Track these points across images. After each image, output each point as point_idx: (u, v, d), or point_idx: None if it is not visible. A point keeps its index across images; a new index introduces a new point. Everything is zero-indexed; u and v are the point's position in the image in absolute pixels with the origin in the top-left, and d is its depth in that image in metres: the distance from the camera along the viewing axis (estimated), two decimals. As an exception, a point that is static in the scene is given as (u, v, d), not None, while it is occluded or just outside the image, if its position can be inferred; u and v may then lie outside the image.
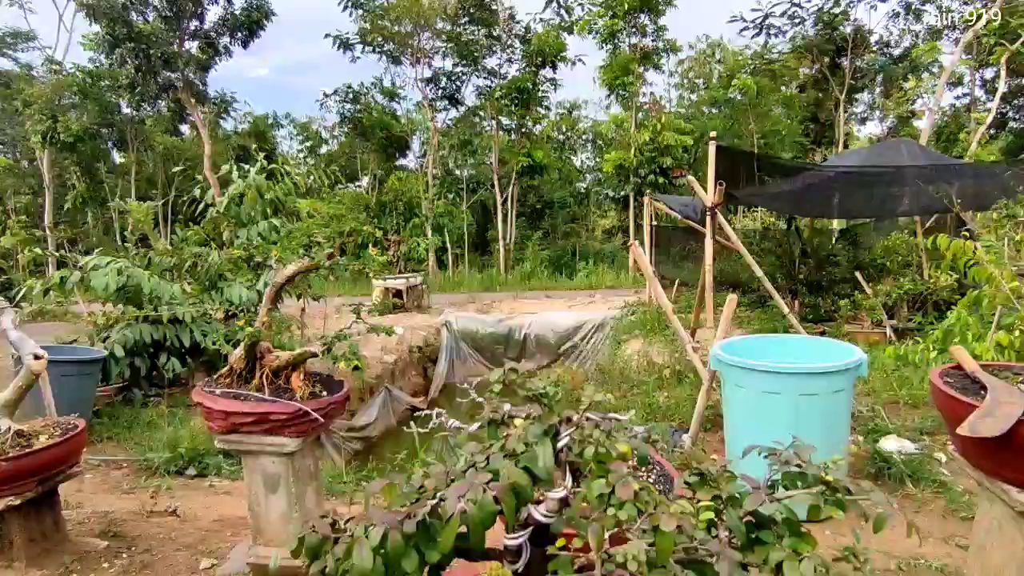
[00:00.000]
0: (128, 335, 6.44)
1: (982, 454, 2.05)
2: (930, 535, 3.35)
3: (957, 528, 3.41)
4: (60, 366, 5.66)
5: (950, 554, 3.15)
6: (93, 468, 5.31)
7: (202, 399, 2.37)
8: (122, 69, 16.82)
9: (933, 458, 4.28)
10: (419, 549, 0.74)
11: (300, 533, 0.85)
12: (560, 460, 0.80)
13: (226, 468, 5.32)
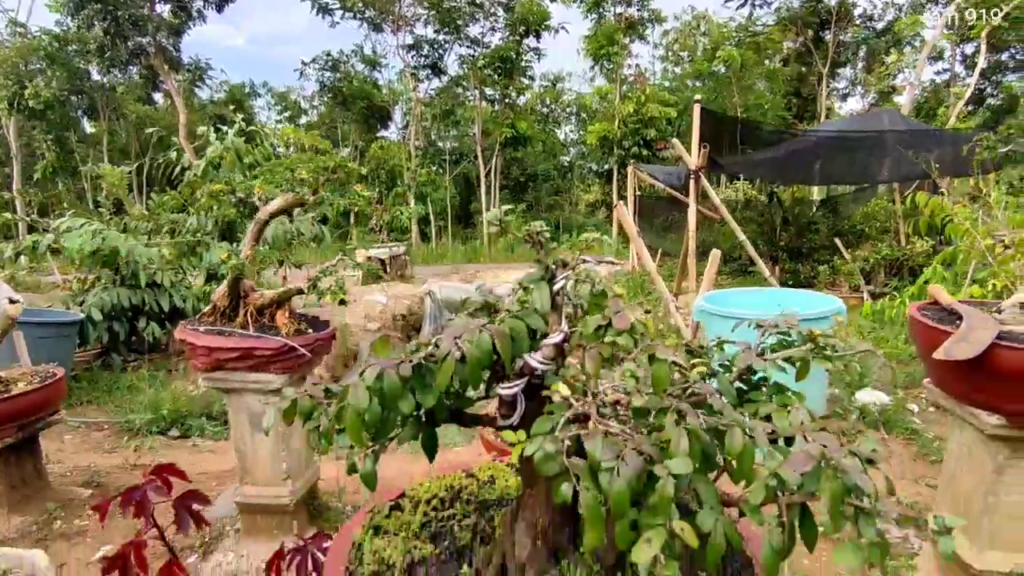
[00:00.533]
0: (105, 298, 6.32)
1: (956, 379, 2.12)
2: (902, 477, 3.47)
3: (927, 470, 3.54)
4: (36, 327, 5.55)
5: (920, 492, 3.27)
6: (73, 429, 5.26)
7: (185, 335, 2.35)
8: (90, 32, 16.22)
9: (906, 408, 4.41)
10: (414, 393, 0.74)
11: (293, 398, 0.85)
12: (556, 304, 0.81)
13: (209, 429, 5.31)
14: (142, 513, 0.90)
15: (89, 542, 2.85)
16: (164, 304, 6.66)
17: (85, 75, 19.09)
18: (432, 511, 1.07)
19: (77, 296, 6.47)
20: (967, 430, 2.26)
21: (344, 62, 18.55)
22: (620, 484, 0.61)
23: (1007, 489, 2.16)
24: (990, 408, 2.07)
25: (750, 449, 0.65)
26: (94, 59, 17.59)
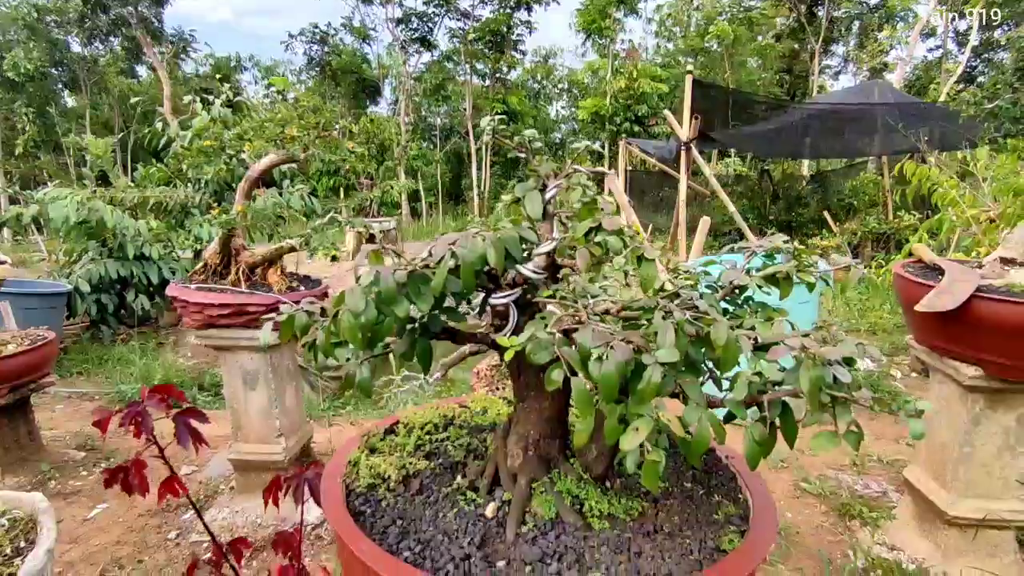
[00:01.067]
0: (93, 270, 6.27)
1: (936, 332, 2.17)
2: (882, 436, 3.56)
3: (907, 430, 3.62)
4: (23, 298, 5.51)
5: (900, 451, 3.36)
6: (64, 400, 5.25)
7: (177, 292, 2.35)
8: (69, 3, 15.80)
9: (889, 374, 4.51)
10: (410, 300, 0.76)
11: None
12: (547, 212, 0.83)
13: (201, 399, 5.32)
14: (141, 429, 0.91)
15: (84, 501, 2.88)
16: (153, 277, 6.62)
17: (65, 47, 18.63)
18: (426, 435, 1.10)
19: (64, 268, 6.41)
20: (946, 384, 2.33)
21: (332, 35, 18.22)
22: (609, 368, 0.63)
23: (982, 439, 2.23)
24: (969, 359, 2.12)
25: (734, 341, 0.68)
26: (74, 29, 17.14)
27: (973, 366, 2.12)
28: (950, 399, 2.31)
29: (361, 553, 0.75)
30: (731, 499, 0.92)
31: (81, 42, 17.89)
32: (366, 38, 18.77)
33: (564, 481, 0.91)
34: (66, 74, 19.32)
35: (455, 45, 18.41)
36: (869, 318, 5.83)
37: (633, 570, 0.75)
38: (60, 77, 19.57)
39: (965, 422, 2.24)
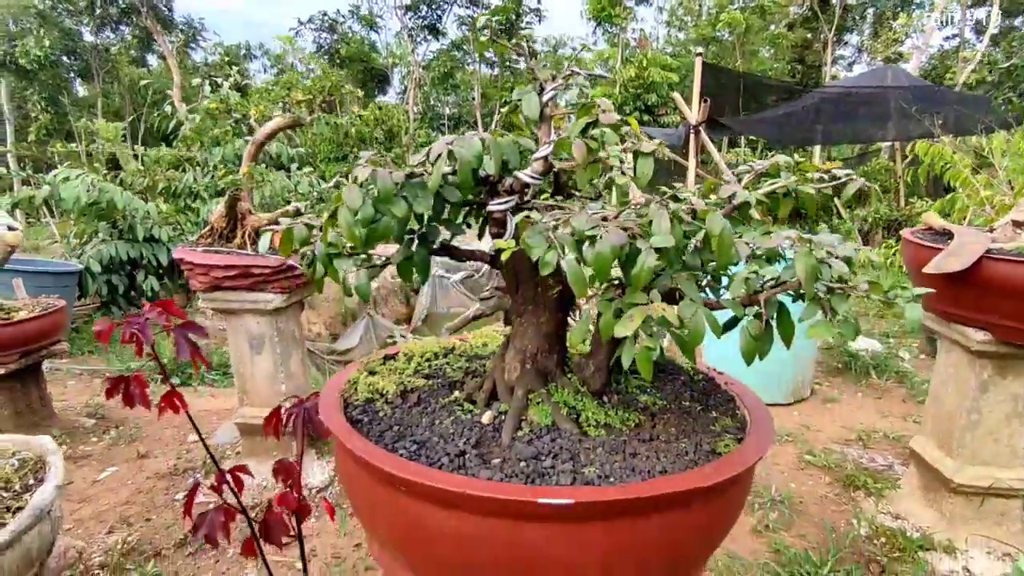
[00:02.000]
0: (104, 251, 6.33)
1: (945, 296, 2.15)
2: (890, 414, 3.54)
3: (915, 409, 3.60)
4: (35, 277, 5.57)
5: (907, 428, 3.33)
6: (75, 376, 5.32)
7: (183, 255, 2.37)
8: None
9: (897, 356, 4.47)
10: (408, 202, 0.76)
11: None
12: (544, 115, 0.83)
13: (209, 377, 5.37)
14: (140, 345, 0.92)
15: (94, 464, 2.92)
16: (163, 258, 6.67)
17: (77, 35, 18.73)
18: (426, 361, 1.11)
19: (75, 249, 6.47)
20: (954, 351, 2.31)
21: (341, 23, 18.21)
22: (603, 247, 0.63)
23: (989, 406, 2.21)
24: (977, 324, 2.10)
25: (728, 231, 0.67)
26: (86, 17, 17.23)
27: (981, 331, 2.10)
28: (958, 366, 2.28)
29: (356, 449, 0.76)
30: (729, 415, 0.92)
31: (92, 31, 17.99)
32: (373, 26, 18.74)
33: (561, 393, 0.91)
34: (78, 63, 19.45)
35: (464, 34, 18.36)
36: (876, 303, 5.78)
37: (628, 468, 0.75)
38: (72, 66, 19.69)
39: (973, 389, 2.22)
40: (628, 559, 0.68)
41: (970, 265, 1.95)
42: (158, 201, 6.95)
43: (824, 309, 0.69)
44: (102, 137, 8.01)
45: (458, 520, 0.68)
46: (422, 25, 17.93)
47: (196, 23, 19.47)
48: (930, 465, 2.36)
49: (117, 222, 6.40)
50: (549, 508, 0.65)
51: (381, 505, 0.76)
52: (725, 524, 0.79)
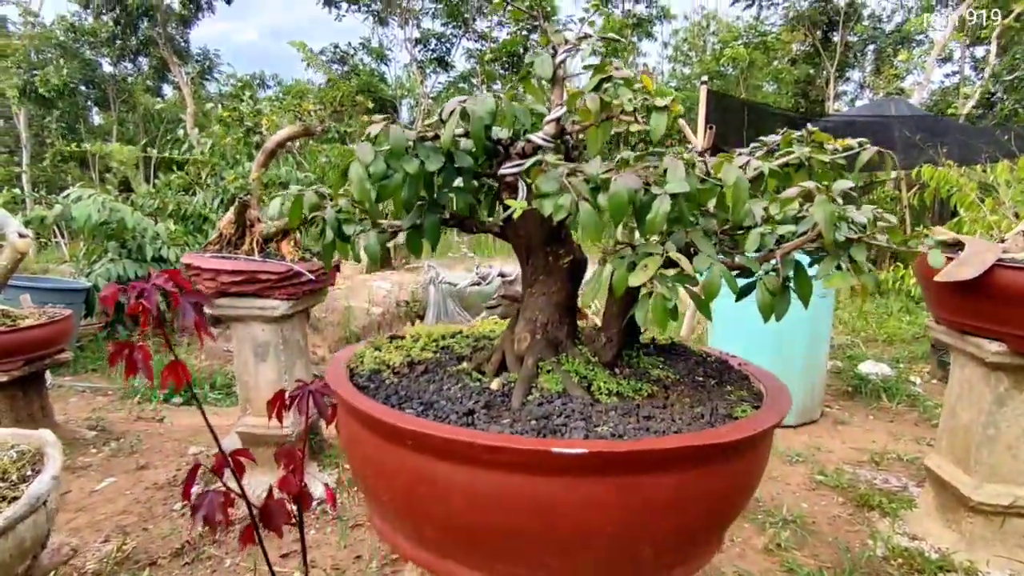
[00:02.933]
0: (111, 269, 6.37)
1: (957, 306, 2.12)
2: (903, 437, 3.46)
3: (927, 432, 3.53)
4: (43, 294, 5.60)
5: (921, 450, 3.26)
6: (78, 393, 5.31)
7: (190, 260, 2.37)
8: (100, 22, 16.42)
9: (908, 380, 4.40)
10: (420, 160, 0.76)
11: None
12: (557, 77, 0.83)
13: (212, 397, 5.35)
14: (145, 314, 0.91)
15: (93, 475, 2.88)
16: (170, 278, 6.69)
17: (96, 65, 19.23)
18: (432, 342, 1.09)
19: (84, 268, 6.52)
20: (968, 365, 2.27)
21: (351, 55, 18.66)
22: (619, 188, 0.62)
23: (1007, 421, 2.16)
24: (992, 334, 2.07)
25: (743, 181, 0.66)
26: (105, 48, 17.74)
27: (996, 342, 2.07)
28: (972, 379, 2.24)
29: (361, 406, 0.74)
30: (744, 389, 0.90)
31: (111, 61, 18.48)
32: (383, 58, 19.18)
33: (572, 363, 0.89)
34: (95, 92, 19.91)
35: (472, 65, 18.75)
36: (887, 327, 5.73)
37: (642, 428, 0.73)
38: (90, 95, 20.17)
39: (989, 403, 2.17)
40: (642, 521, 0.66)
41: (982, 273, 1.94)
42: (168, 222, 7.03)
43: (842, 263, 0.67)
44: (115, 159, 8.15)
45: (466, 475, 0.66)
46: (431, 58, 18.35)
47: (212, 55, 19.98)
48: (947, 483, 2.29)
49: (126, 242, 6.46)
50: (563, 459, 0.62)
51: (385, 465, 0.73)
52: (743, 491, 0.76)
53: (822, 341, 3.64)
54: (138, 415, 4.02)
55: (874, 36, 19.12)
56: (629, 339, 0.95)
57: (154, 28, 17.17)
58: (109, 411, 4.56)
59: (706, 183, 0.68)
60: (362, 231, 0.84)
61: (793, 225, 0.70)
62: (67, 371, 5.68)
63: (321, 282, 2.51)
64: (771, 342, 3.35)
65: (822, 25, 19.32)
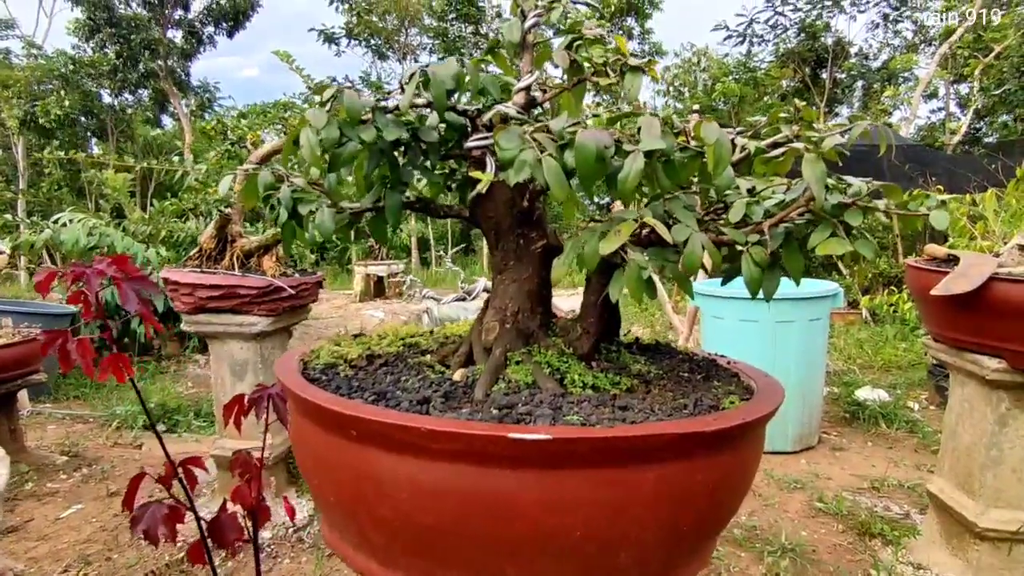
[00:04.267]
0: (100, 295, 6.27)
1: (954, 322, 2.06)
2: (902, 463, 3.36)
3: (928, 459, 3.43)
4: (27, 318, 5.50)
5: (922, 477, 3.15)
6: (57, 420, 5.16)
7: (169, 274, 2.30)
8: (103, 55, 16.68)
9: (906, 406, 4.32)
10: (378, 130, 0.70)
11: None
12: (526, 43, 0.77)
13: (196, 424, 5.21)
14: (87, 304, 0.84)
15: (59, 502, 2.75)
16: (159, 305, 6.61)
17: (97, 97, 19.44)
18: (399, 340, 1.01)
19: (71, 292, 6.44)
20: (968, 384, 2.20)
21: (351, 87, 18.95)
22: (586, 141, 0.56)
23: (1011, 442, 2.08)
24: (990, 350, 2.00)
25: (725, 138, 0.60)
26: (106, 81, 17.98)
27: (995, 358, 2.00)
28: (973, 399, 2.17)
29: (305, 395, 0.66)
30: (733, 384, 0.82)
31: (112, 93, 18.68)
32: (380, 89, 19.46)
33: (544, 355, 0.82)
34: (94, 122, 20.07)
35: (468, 99, 18.99)
36: (882, 354, 5.66)
37: (617, 420, 0.65)
38: (89, 125, 20.33)
39: (991, 423, 2.09)
40: (618, 523, 0.58)
41: (979, 287, 1.88)
42: (159, 248, 6.98)
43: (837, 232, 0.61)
44: (108, 187, 8.14)
45: (412, 468, 0.58)
46: (428, 91, 18.60)
47: (212, 87, 20.22)
48: (951, 508, 2.20)
49: (115, 266, 6.38)
50: (522, 447, 0.55)
51: (329, 461, 0.66)
52: (734, 490, 0.68)
53: (818, 366, 3.57)
54: (116, 442, 3.89)
55: (862, 73, 19.57)
56: (608, 334, 0.88)
57: (155, 61, 17.43)
58: (86, 438, 4.41)
59: (686, 151, 0.63)
60: (316, 209, 0.78)
61: (781, 197, 0.65)
62: (48, 398, 5.54)
63: (302, 298, 2.44)
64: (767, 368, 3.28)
65: (811, 62, 19.78)
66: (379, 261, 12.79)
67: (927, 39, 19.18)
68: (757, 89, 21.15)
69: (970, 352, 2.08)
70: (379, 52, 17.88)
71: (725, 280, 0.72)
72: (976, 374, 2.09)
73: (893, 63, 18.36)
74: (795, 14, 18.56)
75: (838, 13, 18.51)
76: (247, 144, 2.22)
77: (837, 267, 8.07)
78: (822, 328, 3.52)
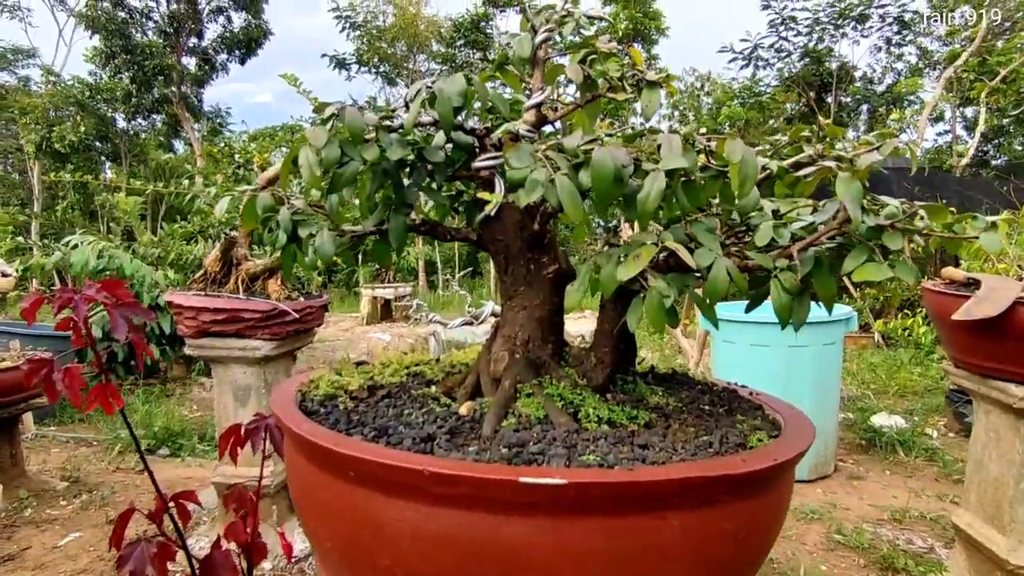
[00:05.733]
0: (106, 316, 6.29)
1: (976, 348, 2.00)
2: (924, 493, 3.25)
3: (951, 489, 3.31)
4: (32, 340, 5.50)
5: (944, 508, 3.05)
6: (61, 444, 5.14)
7: (172, 297, 2.28)
8: (117, 81, 17.05)
9: (924, 433, 4.20)
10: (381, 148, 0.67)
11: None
12: (537, 58, 0.74)
13: (200, 448, 5.16)
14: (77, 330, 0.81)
15: (57, 529, 2.69)
16: (166, 327, 6.61)
17: (111, 122, 19.80)
18: (404, 368, 0.97)
19: (79, 314, 6.45)
20: (993, 412, 2.12)
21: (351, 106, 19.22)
22: (603, 159, 0.52)
23: (1041, 474, 2.00)
24: (1018, 378, 1.93)
25: (751, 156, 0.57)
26: (120, 106, 18.33)
27: (1023, 386, 1.93)
28: (999, 428, 2.09)
29: (301, 431, 0.62)
30: (758, 418, 0.77)
31: (125, 118, 19.03)
32: (389, 116, 19.69)
33: (556, 387, 0.77)
34: (108, 147, 20.41)
35: (476, 124, 19.17)
36: (897, 379, 5.55)
37: (637, 459, 0.60)
38: (103, 150, 20.68)
39: (1020, 453, 2.01)
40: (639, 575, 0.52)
41: (1004, 311, 1.82)
42: (167, 271, 7.01)
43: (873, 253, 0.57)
44: (120, 210, 8.22)
45: (416, 514, 0.53)
46: (436, 116, 18.81)
47: (223, 112, 20.54)
48: (979, 543, 2.10)
49: (123, 289, 6.41)
50: (535, 492, 0.50)
51: (326, 503, 0.61)
52: (763, 536, 0.62)
53: (832, 392, 3.48)
54: (118, 466, 3.84)
55: (867, 96, 19.67)
56: (623, 364, 0.83)
57: (169, 87, 17.77)
58: (89, 462, 4.37)
59: (708, 170, 0.59)
60: (316, 232, 0.74)
61: (810, 219, 0.60)
62: (53, 421, 5.51)
63: (307, 322, 2.41)
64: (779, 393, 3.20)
65: (816, 86, 19.90)
66: (386, 284, 12.81)
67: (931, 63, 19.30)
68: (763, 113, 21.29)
69: (995, 379, 2.01)
70: (388, 78, 18.15)
71: (750, 307, 0.68)
72: (1002, 402, 2.01)
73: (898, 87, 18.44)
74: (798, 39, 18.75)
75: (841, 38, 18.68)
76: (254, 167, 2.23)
77: (847, 289, 7.98)
78: (836, 353, 3.44)
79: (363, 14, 17.53)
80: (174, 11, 17.14)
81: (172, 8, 17.08)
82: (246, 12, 17.56)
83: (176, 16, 17.02)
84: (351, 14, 17.43)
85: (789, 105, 22.68)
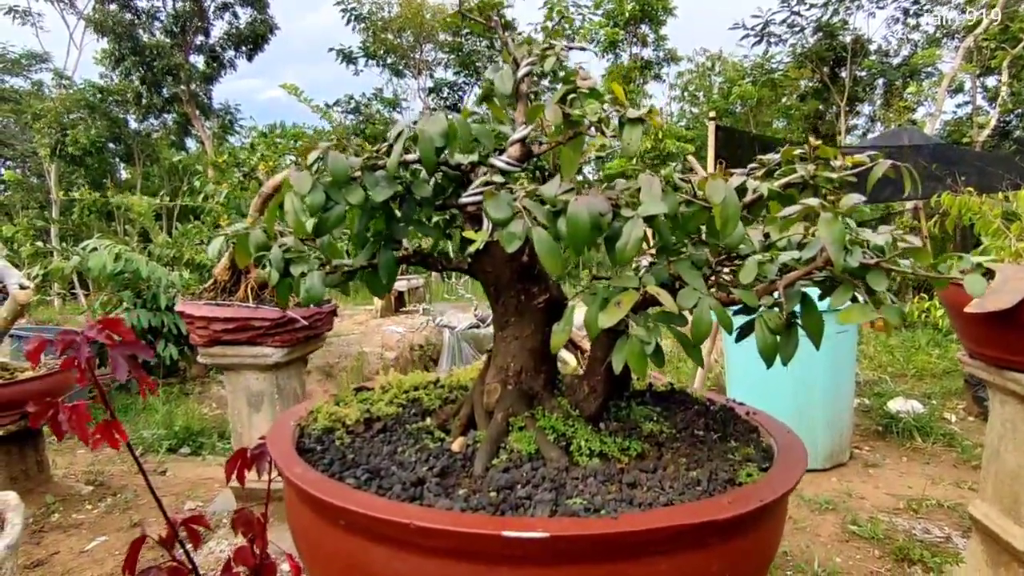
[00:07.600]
0: (125, 319, 6.40)
1: (992, 339, 1.96)
2: (941, 480, 3.22)
3: (969, 475, 3.28)
4: (54, 344, 5.61)
5: (963, 495, 3.02)
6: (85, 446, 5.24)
7: (184, 307, 2.32)
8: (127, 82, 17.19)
9: (943, 417, 4.16)
10: (366, 190, 0.67)
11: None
12: (520, 92, 0.74)
13: (221, 447, 5.26)
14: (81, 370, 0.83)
15: (84, 534, 2.77)
16: (183, 327, 6.71)
17: (123, 123, 20.01)
18: (403, 393, 0.98)
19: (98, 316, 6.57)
20: (1009, 403, 2.09)
21: (366, 105, 19.21)
22: (579, 210, 0.52)
23: (1059, 464, 1.97)
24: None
25: (733, 196, 0.56)
26: (131, 107, 18.50)
27: (1038, 377, 1.90)
28: (1016, 419, 2.06)
29: (294, 477, 0.63)
30: (751, 444, 0.77)
31: (137, 119, 19.22)
32: (396, 106, 19.67)
33: (548, 418, 0.78)
34: (122, 148, 20.66)
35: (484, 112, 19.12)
36: (915, 362, 5.48)
37: (624, 500, 0.61)
38: (117, 152, 20.93)
39: (1036, 445, 1.99)
40: (627, 619, 0.53)
41: (1018, 302, 1.79)
42: (183, 271, 7.11)
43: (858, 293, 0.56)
44: (134, 211, 8.33)
45: (405, 565, 0.54)
46: (444, 105, 18.79)
47: (233, 109, 20.66)
48: (997, 536, 2.08)
49: (141, 291, 6.52)
50: (517, 545, 0.51)
51: (320, 548, 0.62)
52: (757, 567, 0.63)
53: (847, 377, 3.45)
54: (139, 468, 3.94)
55: (882, 70, 19.19)
56: (618, 387, 0.84)
57: (178, 86, 17.89)
58: (113, 463, 4.47)
59: (692, 205, 0.59)
60: (308, 271, 0.75)
61: (797, 252, 0.60)
62: (76, 423, 5.60)
63: (317, 328, 2.43)
64: (792, 379, 3.18)
65: (829, 61, 19.45)
66: (399, 276, 12.88)
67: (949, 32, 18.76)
68: (775, 91, 20.89)
69: (1011, 371, 1.98)
70: (395, 70, 18.11)
71: (739, 337, 0.67)
72: (1018, 393, 1.98)
73: (915, 59, 17.96)
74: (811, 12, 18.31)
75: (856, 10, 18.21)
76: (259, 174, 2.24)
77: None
78: (851, 338, 3.41)
79: (368, 5, 17.48)
80: (180, 9, 17.20)
81: (178, 7, 17.14)
82: (252, 8, 17.56)
83: (182, 15, 17.08)
84: (356, 6, 17.39)
85: (802, 82, 22.22)
